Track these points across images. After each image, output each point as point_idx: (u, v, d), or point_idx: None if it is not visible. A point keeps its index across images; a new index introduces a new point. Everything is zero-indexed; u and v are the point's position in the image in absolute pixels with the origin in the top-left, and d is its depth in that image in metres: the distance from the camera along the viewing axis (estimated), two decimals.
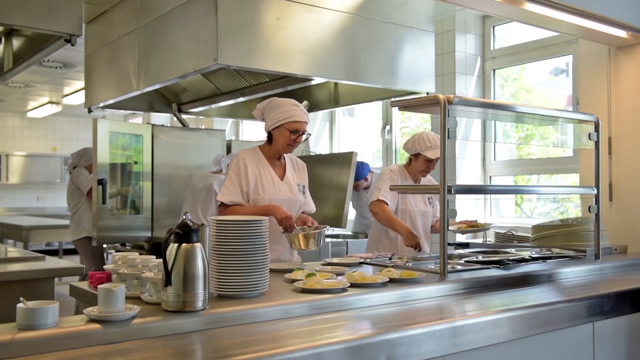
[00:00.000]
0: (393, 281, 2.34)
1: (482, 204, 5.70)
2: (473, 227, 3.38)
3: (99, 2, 4.48)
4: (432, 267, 2.76)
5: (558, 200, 5.57)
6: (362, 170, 5.43)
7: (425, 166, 3.59)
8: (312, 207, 3.16)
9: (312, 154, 6.08)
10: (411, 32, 4.05)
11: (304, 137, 2.94)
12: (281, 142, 2.92)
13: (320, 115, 7.31)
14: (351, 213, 5.75)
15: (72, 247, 6.01)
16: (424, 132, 3.63)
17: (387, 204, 3.52)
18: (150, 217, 5.24)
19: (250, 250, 2.04)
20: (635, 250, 3.58)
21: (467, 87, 5.61)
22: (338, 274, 2.40)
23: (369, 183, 5.42)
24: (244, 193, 2.90)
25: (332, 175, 5.15)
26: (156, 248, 4.91)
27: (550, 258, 3.11)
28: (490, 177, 5.71)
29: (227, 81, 4.99)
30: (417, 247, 3.39)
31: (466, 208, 5.53)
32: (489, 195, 5.72)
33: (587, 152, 3.67)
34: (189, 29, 3.47)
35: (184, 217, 1.86)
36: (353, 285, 2.22)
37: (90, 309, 1.69)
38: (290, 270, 2.50)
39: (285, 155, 3.07)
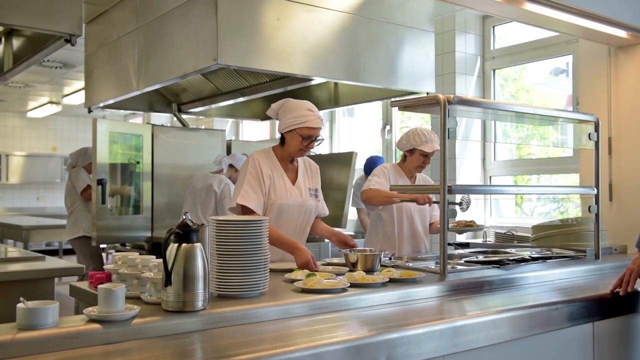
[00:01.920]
0: (393, 281, 2.34)
1: (482, 204, 5.70)
2: (469, 226, 3.38)
3: (99, 2, 4.48)
4: (432, 267, 2.76)
5: (558, 200, 5.57)
6: (378, 163, 5.42)
7: (421, 161, 3.57)
8: (325, 211, 3.13)
9: (312, 154, 6.07)
10: (411, 32, 4.05)
11: (316, 142, 2.88)
12: (293, 146, 2.86)
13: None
14: (352, 213, 5.75)
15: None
16: (417, 128, 3.61)
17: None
18: (150, 217, 5.24)
19: (250, 250, 2.04)
20: (635, 250, 3.57)
21: (467, 87, 5.62)
22: (338, 274, 2.40)
23: None
24: (264, 198, 2.85)
25: (332, 175, 5.15)
26: (156, 248, 4.91)
27: (550, 258, 3.11)
28: (490, 177, 5.71)
29: (227, 81, 4.99)
30: (426, 199, 3.34)
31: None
32: (489, 195, 5.72)
33: (587, 152, 3.67)
34: (189, 29, 3.47)
35: (184, 217, 1.86)
36: (353, 285, 2.22)
37: (90, 309, 1.69)
38: (290, 270, 2.50)
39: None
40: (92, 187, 5.40)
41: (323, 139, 2.98)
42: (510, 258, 2.95)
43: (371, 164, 5.54)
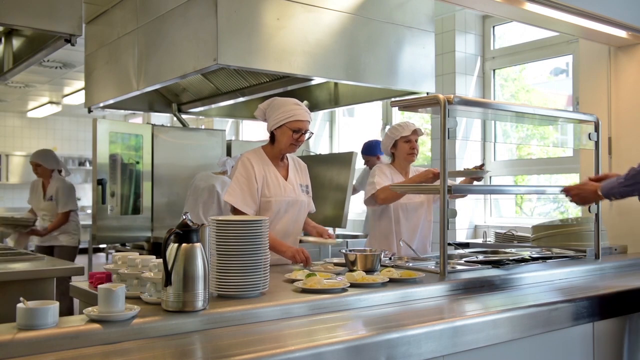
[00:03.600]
0: (393, 281, 2.34)
1: (482, 204, 5.70)
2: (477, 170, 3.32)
3: (99, 2, 4.48)
4: (432, 267, 2.76)
5: (558, 200, 5.57)
6: (376, 146, 5.41)
7: (408, 148, 3.53)
8: (312, 207, 3.18)
9: (312, 154, 6.08)
10: (411, 32, 4.05)
11: (306, 136, 2.93)
12: (284, 141, 2.91)
13: (320, 115, 7.32)
14: (352, 213, 5.75)
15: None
16: (392, 126, 3.63)
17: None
18: (150, 217, 5.24)
19: (250, 250, 2.04)
20: (635, 250, 3.58)
21: (467, 87, 5.62)
22: (338, 274, 2.40)
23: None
24: (255, 197, 2.87)
25: (332, 175, 5.15)
26: (156, 248, 4.92)
27: (550, 258, 3.11)
28: (490, 177, 5.71)
29: (227, 81, 4.99)
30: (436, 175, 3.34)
31: (466, 208, 5.53)
32: (489, 195, 5.72)
33: (587, 152, 3.67)
34: (189, 29, 3.47)
35: (184, 217, 1.86)
36: (353, 285, 2.22)
37: (90, 309, 1.69)
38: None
39: (287, 155, 3.07)
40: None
41: (312, 133, 3.01)
42: (510, 258, 2.95)
43: (369, 147, 5.53)
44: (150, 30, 3.92)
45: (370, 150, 5.48)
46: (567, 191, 2.89)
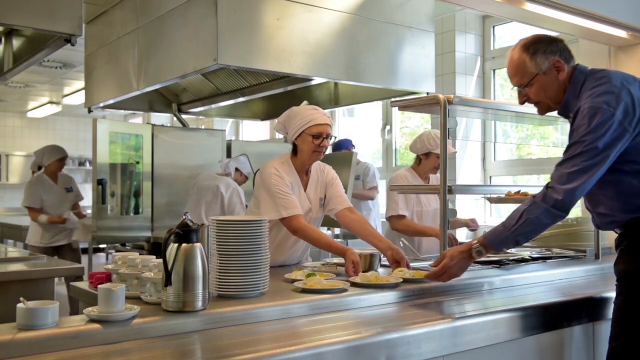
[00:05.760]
0: (407, 281, 2.32)
1: (482, 204, 5.70)
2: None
3: (99, 2, 4.48)
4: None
5: None
6: (344, 142, 5.60)
7: (437, 163, 3.54)
8: (345, 204, 2.90)
9: None
10: (411, 32, 4.05)
11: (329, 141, 2.78)
12: (306, 150, 2.75)
13: None
14: None
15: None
16: (431, 131, 3.60)
17: (406, 217, 3.50)
18: (150, 217, 5.24)
19: (250, 250, 2.04)
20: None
21: (467, 87, 5.62)
22: (338, 274, 2.40)
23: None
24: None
25: None
26: (156, 248, 4.92)
27: (550, 258, 3.11)
28: (490, 177, 5.71)
29: (227, 81, 4.99)
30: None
31: (466, 208, 5.53)
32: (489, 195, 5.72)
33: None
34: (189, 29, 3.47)
35: (184, 217, 1.87)
36: (366, 286, 2.21)
37: (90, 309, 1.70)
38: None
39: (312, 167, 2.89)
40: (33, 209, 5.28)
41: (335, 137, 2.90)
42: (510, 258, 2.95)
43: (338, 144, 5.78)
44: (150, 30, 3.92)
45: (340, 146, 5.61)
46: (432, 276, 2.22)
